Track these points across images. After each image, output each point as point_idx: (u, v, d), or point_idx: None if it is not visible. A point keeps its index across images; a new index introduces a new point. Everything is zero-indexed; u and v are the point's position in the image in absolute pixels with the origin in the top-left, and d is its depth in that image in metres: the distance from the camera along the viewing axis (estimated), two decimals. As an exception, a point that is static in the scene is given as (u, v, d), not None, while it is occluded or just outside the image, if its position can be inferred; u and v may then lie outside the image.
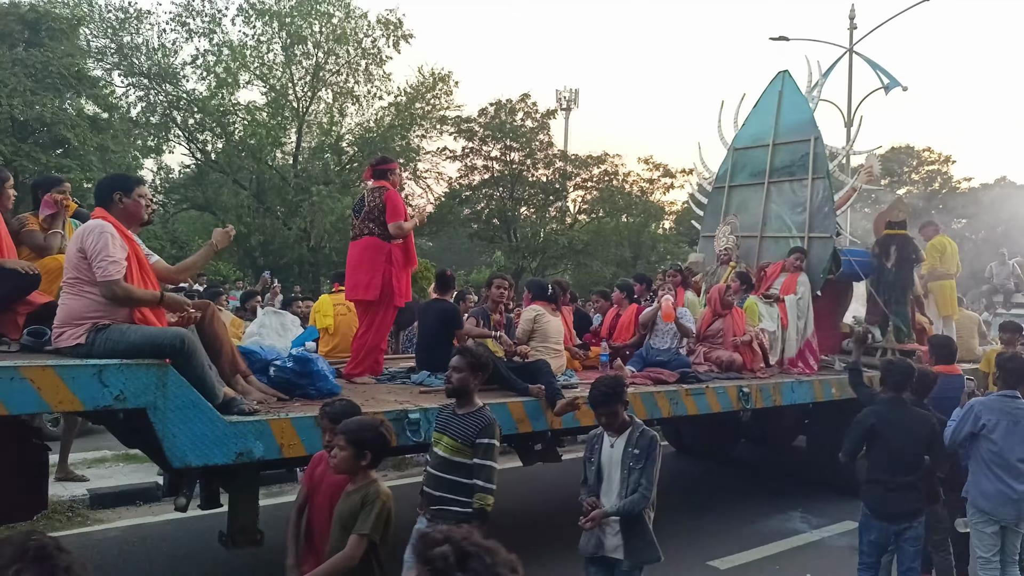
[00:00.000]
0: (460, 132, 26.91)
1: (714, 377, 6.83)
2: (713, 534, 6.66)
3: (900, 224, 8.40)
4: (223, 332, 4.01)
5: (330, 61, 26.07)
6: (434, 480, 3.79)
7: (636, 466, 3.79)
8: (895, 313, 8.19)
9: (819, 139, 8.39)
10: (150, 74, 24.60)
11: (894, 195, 25.79)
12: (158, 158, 27.11)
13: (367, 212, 5.61)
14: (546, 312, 6.16)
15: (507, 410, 4.95)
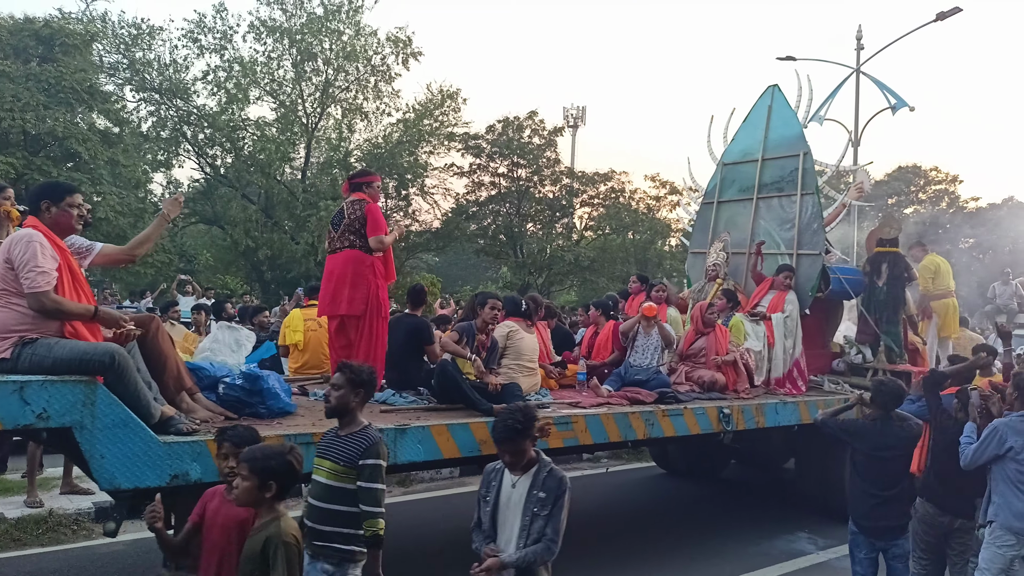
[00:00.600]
0: (468, 149, 26.99)
1: (695, 397, 6.65)
2: (717, 555, 6.63)
3: (892, 241, 8.26)
4: (168, 347, 3.91)
5: (339, 78, 26.26)
6: (315, 512, 3.45)
7: (541, 512, 3.27)
8: (886, 332, 8.03)
9: (808, 154, 8.26)
10: (161, 89, 24.86)
11: (899, 213, 25.67)
12: (168, 172, 27.34)
13: (347, 224, 5.51)
14: (520, 328, 6.06)
15: (469, 430, 4.83)
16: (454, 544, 6.76)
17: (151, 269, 22.89)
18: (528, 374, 6.03)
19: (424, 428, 4.57)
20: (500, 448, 3.38)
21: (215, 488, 3.23)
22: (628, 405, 6.15)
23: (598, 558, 6.41)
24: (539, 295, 7.26)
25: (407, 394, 5.40)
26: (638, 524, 7.69)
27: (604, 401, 6.14)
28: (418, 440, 4.52)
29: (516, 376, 5.90)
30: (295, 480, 3.00)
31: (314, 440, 3.99)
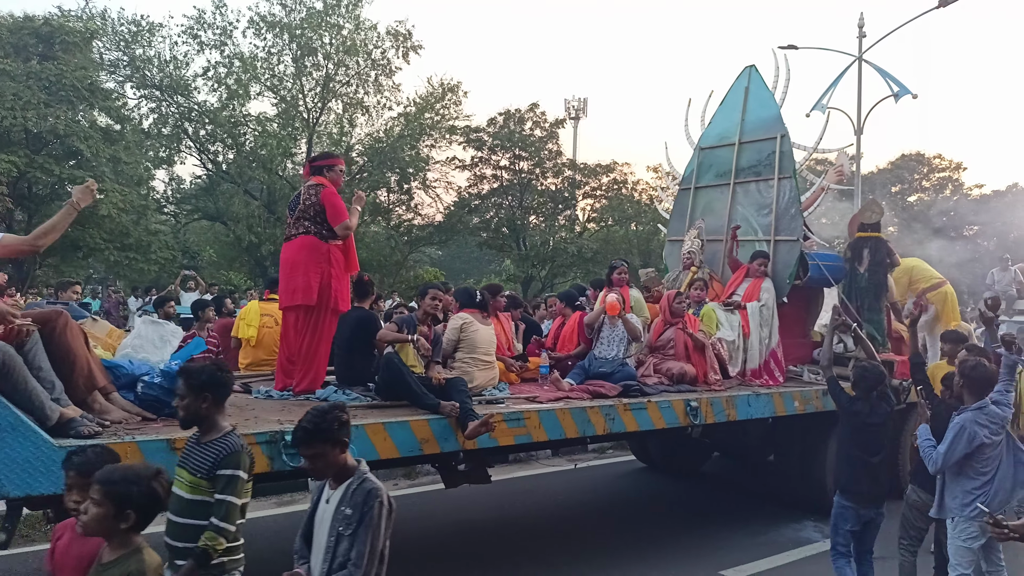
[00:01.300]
0: (469, 142, 26.85)
1: (662, 390, 6.42)
2: (723, 544, 6.65)
3: (873, 226, 7.98)
4: (77, 344, 3.75)
5: (340, 72, 26.16)
6: (172, 529, 3.12)
7: (346, 532, 2.84)
8: (868, 320, 7.75)
9: (786, 136, 7.99)
10: (162, 86, 24.91)
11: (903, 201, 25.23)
12: (170, 169, 27.46)
13: (302, 210, 5.27)
14: (475, 320, 5.85)
15: (409, 429, 4.65)
16: (456, 537, 6.85)
17: (155, 266, 22.98)
18: (484, 367, 5.82)
19: (358, 427, 4.39)
20: (299, 452, 3.07)
21: (65, 522, 2.84)
22: (589, 399, 5.95)
23: (604, 553, 6.42)
24: (499, 284, 7.09)
25: (352, 390, 5.25)
26: (638, 517, 7.66)
27: (564, 395, 5.95)
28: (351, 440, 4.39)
29: (471, 370, 5.73)
30: (157, 509, 2.62)
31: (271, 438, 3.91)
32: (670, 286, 8.32)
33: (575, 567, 6.09)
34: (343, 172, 5.67)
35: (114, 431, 3.72)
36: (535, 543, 6.76)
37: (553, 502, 8.12)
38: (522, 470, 9.26)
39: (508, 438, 5.27)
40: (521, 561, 6.24)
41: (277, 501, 7.63)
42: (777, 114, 8.13)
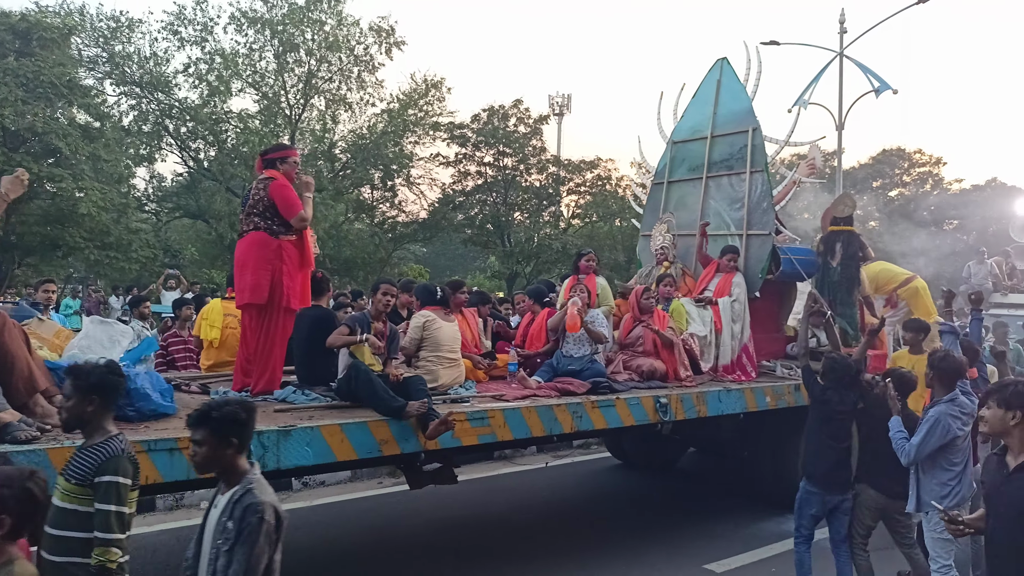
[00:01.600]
0: (453, 138, 26.75)
1: (632, 387, 6.37)
2: (708, 538, 6.70)
3: (846, 220, 7.97)
4: (16, 346, 3.63)
5: (322, 68, 26.00)
6: (47, 542, 2.86)
7: (224, 547, 2.60)
8: (840, 314, 7.72)
9: (757, 130, 7.92)
10: (142, 83, 24.67)
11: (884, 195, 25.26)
12: (150, 166, 27.22)
13: (251, 205, 5.11)
14: (437, 317, 5.75)
15: (367, 429, 4.56)
16: (441, 534, 6.84)
17: (136, 265, 22.76)
18: (449, 365, 5.73)
19: (313, 429, 4.30)
20: None
21: None
22: (557, 397, 5.90)
23: (587, 549, 6.44)
24: (461, 280, 7.00)
25: (312, 391, 5.17)
26: (620, 513, 7.67)
27: (531, 393, 5.90)
28: (306, 442, 4.28)
29: (436, 368, 5.65)
30: (35, 514, 2.41)
31: (179, 445, 3.82)
32: (643, 281, 8.27)
33: (559, 563, 6.09)
34: (297, 164, 5.49)
35: (54, 435, 3.61)
36: (518, 540, 6.75)
37: (536, 499, 8.12)
38: (506, 467, 9.26)
39: (472, 438, 5.20)
40: (505, 558, 6.24)
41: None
42: (749, 107, 8.07)
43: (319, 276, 5.71)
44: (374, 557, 6.22)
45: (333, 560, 6.12)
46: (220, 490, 2.77)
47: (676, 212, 8.55)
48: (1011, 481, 3.08)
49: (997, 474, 3.18)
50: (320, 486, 8.16)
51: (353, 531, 6.84)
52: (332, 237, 25.23)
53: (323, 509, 7.43)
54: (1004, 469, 3.14)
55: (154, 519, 6.98)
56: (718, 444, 8.32)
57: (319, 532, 6.77)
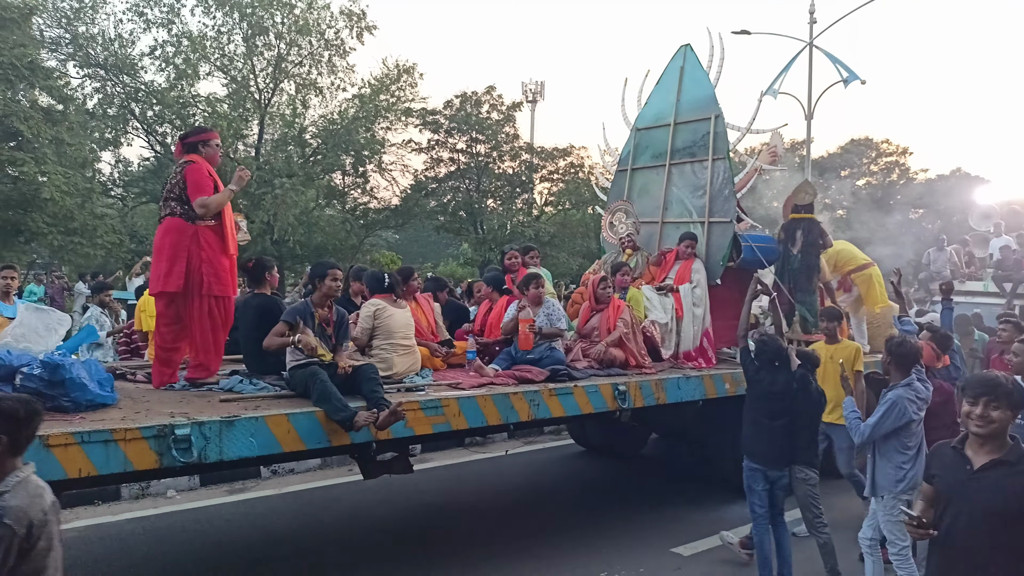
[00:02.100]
0: (425, 124, 26.54)
1: (591, 374, 6.35)
2: (674, 522, 6.75)
3: (807, 208, 7.99)
4: None
5: (292, 52, 25.60)
6: None
7: None
8: (800, 302, 7.76)
9: (720, 117, 7.90)
10: (107, 65, 24.14)
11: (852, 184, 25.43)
12: (116, 151, 26.71)
13: (167, 190, 4.94)
14: (387, 305, 5.65)
15: (315, 419, 4.46)
16: (411, 521, 6.84)
17: (101, 251, 22.35)
18: (404, 353, 5.64)
19: (257, 419, 4.21)
20: None
21: None
22: (514, 385, 5.86)
23: (557, 534, 6.46)
24: (411, 267, 6.92)
25: (261, 380, 5.09)
26: (588, 499, 7.69)
27: (488, 381, 5.86)
28: (250, 433, 4.20)
29: (390, 356, 5.56)
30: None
31: (114, 436, 3.74)
32: (606, 269, 8.26)
33: (527, 548, 6.10)
34: (219, 147, 5.33)
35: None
36: (487, 525, 6.76)
37: (504, 486, 8.12)
38: (474, 454, 9.27)
39: (426, 426, 5.15)
40: (473, 543, 6.25)
41: (228, 489, 7.56)
42: (711, 94, 8.05)
43: (249, 265, 5.59)
44: (343, 544, 6.18)
45: (302, 547, 6.07)
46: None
47: (639, 199, 8.53)
48: (976, 480, 2.89)
49: (957, 470, 2.97)
50: (289, 474, 8.10)
51: (322, 519, 6.79)
52: (303, 223, 24.96)
53: (292, 497, 7.38)
54: (966, 465, 2.94)
55: (119, 508, 6.91)
56: (679, 431, 8.35)
57: (288, 520, 6.72)
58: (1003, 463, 2.88)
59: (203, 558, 5.81)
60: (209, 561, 5.76)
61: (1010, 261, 12.88)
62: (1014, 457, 2.88)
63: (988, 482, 2.87)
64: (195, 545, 6.06)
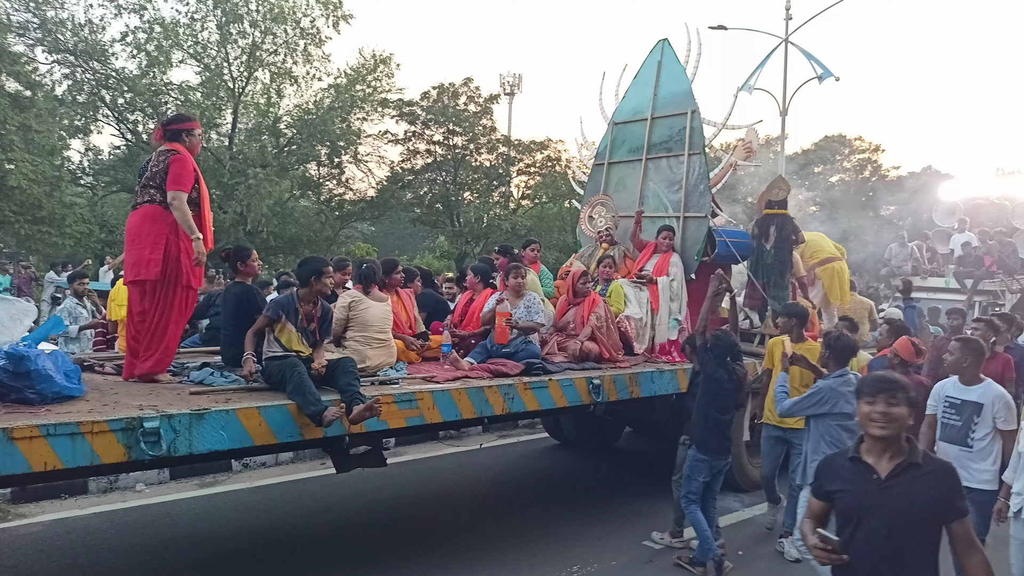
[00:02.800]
0: (402, 115, 26.40)
1: (566, 368, 6.35)
2: (646, 515, 6.78)
3: (780, 203, 8.04)
4: None
5: (267, 41, 25.30)
6: None
7: None
8: (774, 296, 7.83)
9: (696, 112, 7.94)
10: (76, 51, 23.65)
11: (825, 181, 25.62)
12: (86, 139, 26.21)
13: (148, 177, 4.85)
14: (364, 297, 5.61)
15: (287, 412, 4.41)
16: (384, 514, 6.79)
17: (70, 240, 21.94)
18: (379, 346, 5.60)
19: (229, 412, 4.16)
20: None
21: None
22: (489, 378, 5.86)
23: (531, 527, 6.47)
24: (396, 260, 6.87)
25: (233, 372, 5.01)
26: (561, 492, 7.69)
27: (463, 375, 5.84)
28: (220, 426, 4.14)
29: (363, 349, 5.51)
30: None
31: (81, 429, 3.67)
32: (584, 262, 8.28)
33: (502, 542, 6.10)
34: (201, 136, 5.26)
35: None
36: (461, 518, 6.74)
37: (478, 479, 8.11)
38: (449, 447, 9.25)
39: (399, 420, 5.11)
40: (447, 535, 6.23)
41: (199, 483, 7.47)
42: (688, 89, 8.08)
43: (223, 255, 5.52)
44: (315, 538, 6.13)
45: (273, 541, 6.02)
46: None
47: (616, 193, 8.54)
48: (888, 489, 2.64)
49: (864, 482, 2.70)
50: (261, 467, 8.02)
51: (294, 513, 6.73)
52: (277, 214, 24.73)
53: (264, 491, 7.30)
54: (872, 474, 2.69)
55: (87, 502, 6.80)
56: (653, 424, 8.38)
57: (259, 514, 6.66)
58: (912, 466, 2.66)
59: (172, 552, 5.73)
60: (178, 555, 5.68)
61: (971, 257, 13.05)
62: (919, 458, 2.68)
63: (901, 489, 2.63)
64: (164, 539, 5.98)
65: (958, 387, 4.77)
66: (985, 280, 12.56)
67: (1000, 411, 4.58)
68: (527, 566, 5.64)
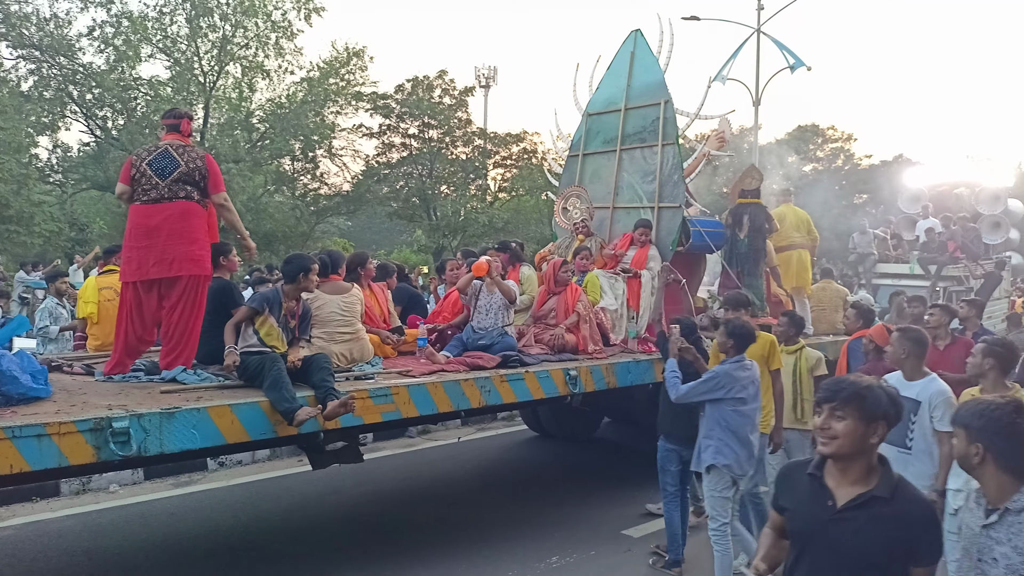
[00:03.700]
0: (376, 109, 26.22)
1: (543, 360, 6.34)
2: (624, 505, 6.79)
3: (753, 192, 8.11)
4: None
5: (238, 34, 24.99)
6: None
7: None
8: (747, 285, 7.85)
9: (669, 102, 7.95)
10: (42, 46, 23.20)
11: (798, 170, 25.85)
12: (53, 135, 25.71)
13: (184, 173, 4.88)
14: (320, 294, 5.46)
15: (259, 409, 4.35)
16: (364, 508, 6.78)
17: (39, 239, 21.57)
18: (344, 340, 5.50)
19: (200, 410, 4.10)
20: None
21: None
22: (465, 371, 5.84)
23: (507, 519, 6.47)
24: (365, 252, 6.81)
25: (205, 370, 4.96)
26: (539, 483, 7.72)
27: (439, 368, 5.82)
28: (192, 425, 4.09)
29: (328, 345, 5.37)
30: None
31: (48, 430, 3.60)
32: (561, 253, 8.27)
33: (481, 535, 6.09)
34: None
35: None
36: (440, 512, 6.73)
37: (456, 472, 8.10)
38: (426, 442, 9.23)
39: (375, 415, 5.09)
40: (426, 529, 6.23)
41: (174, 482, 7.38)
42: (661, 80, 8.09)
43: (217, 246, 5.50)
44: (292, 536, 6.09)
45: (249, 540, 5.97)
46: None
47: (591, 184, 8.55)
48: (840, 522, 2.23)
49: (816, 506, 2.29)
50: (238, 465, 7.95)
51: (271, 510, 6.68)
52: (251, 210, 24.44)
53: (240, 489, 7.23)
54: (827, 500, 2.26)
55: (59, 504, 6.70)
56: (631, 414, 8.43)
57: (235, 513, 6.60)
58: (875, 499, 2.19)
59: (147, 553, 5.66)
60: (153, 556, 5.62)
61: (935, 243, 13.16)
62: (886, 490, 2.21)
63: (856, 525, 2.20)
64: (138, 540, 5.91)
65: (901, 382, 4.31)
66: (949, 266, 12.70)
67: (937, 409, 4.14)
68: (507, 557, 5.64)
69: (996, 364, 4.02)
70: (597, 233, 8.32)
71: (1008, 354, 4.08)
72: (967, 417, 2.36)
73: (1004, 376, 4.08)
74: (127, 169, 4.96)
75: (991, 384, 4.04)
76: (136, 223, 4.93)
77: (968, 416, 2.36)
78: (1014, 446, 2.27)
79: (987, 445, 2.28)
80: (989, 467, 2.30)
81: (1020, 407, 2.33)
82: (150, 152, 4.97)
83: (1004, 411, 2.30)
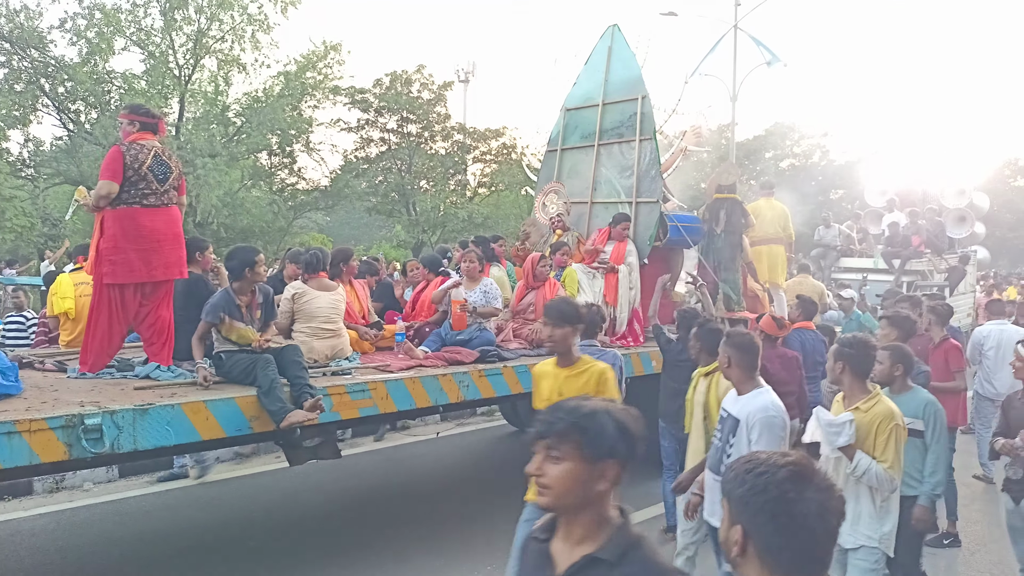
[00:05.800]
0: (354, 103, 26.03)
1: (521, 354, 6.38)
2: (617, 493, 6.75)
3: (730, 188, 8.15)
4: None
5: (214, 27, 24.67)
6: None
7: None
8: (724, 280, 7.95)
9: (646, 98, 8.00)
10: (12, 38, 22.76)
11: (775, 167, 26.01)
12: (25, 129, 25.26)
13: (175, 179, 5.03)
14: (309, 289, 5.53)
15: (235, 405, 4.34)
16: (346, 505, 6.75)
17: (10, 234, 21.23)
18: (327, 337, 5.51)
19: (174, 407, 4.07)
20: None
21: None
22: (443, 366, 5.85)
23: (491, 513, 6.46)
24: (350, 249, 6.80)
25: (179, 366, 4.92)
26: (519, 478, 7.60)
27: (417, 363, 5.82)
28: (166, 421, 4.06)
29: (309, 340, 5.38)
30: None
31: (18, 428, 3.54)
32: (540, 248, 8.28)
33: (460, 530, 6.13)
34: None
35: None
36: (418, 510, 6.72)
37: (437, 467, 8.13)
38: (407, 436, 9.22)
39: (352, 411, 5.08)
40: (403, 527, 6.22)
41: (149, 480, 7.31)
42: (639, 75, 8.13)
43: (192, 242, 5.54)
44: (270, 532, 6.07)
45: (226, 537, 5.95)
46: None
47: (569, 180, 8.58)
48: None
49: (538, 572, 1.79)
50: (215, 462, 7.88)
51: (249, 507, 6.66)
52: (227, 205, 24.20)
53: (217, 486, 7.19)
54: (548, 569, 1.75)
55: (31, 503, 6.62)
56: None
57: (212, 510, 6.56)
58: (596, 562, 1.68)
59: (122, 551, 5.61)
60: (128, 554, 5.57)
61: (899, 237, 13.27)
62: (613, 553, 1.68)
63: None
64: (113, 538, 5.85)
65: (731, 396, 3.88)
66: (913, 260, 12.83)
67: (754, 430, 3.58)
68: (486, 551, 5.65)
69: (848, 367, 3.70)
70: (575, 228, 8.35)
71: (860, 355, 3.70)
72: (729, 483, 1.58)
73: (862, 378, 3.71)
74: (119, 168, 4.75)
75: (848, 389, 3.73)
76: (140, 225, 4.84)
77: (730, 482, 1.58)
78: (782, 534, 1.47)
79: (747, 528, 1.52)
80: (752, 563, 1.52)
81: (799, 473, 1.51)
82: (145, 154, 4.86)
83: (773, 478, 1.50)
